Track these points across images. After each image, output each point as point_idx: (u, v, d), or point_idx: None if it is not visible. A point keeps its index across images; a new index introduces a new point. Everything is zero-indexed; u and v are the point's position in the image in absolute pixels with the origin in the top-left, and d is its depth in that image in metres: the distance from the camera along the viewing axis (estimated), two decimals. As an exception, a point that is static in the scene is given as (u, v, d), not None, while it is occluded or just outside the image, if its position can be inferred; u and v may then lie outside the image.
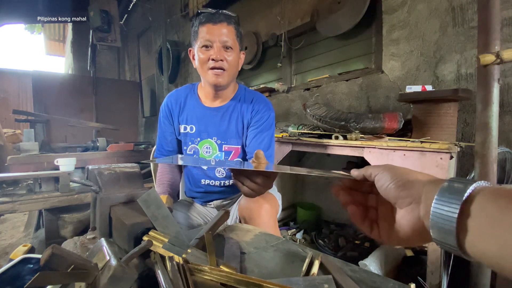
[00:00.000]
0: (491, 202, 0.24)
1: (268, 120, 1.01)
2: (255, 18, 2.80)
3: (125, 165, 0.69)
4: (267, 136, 1.00)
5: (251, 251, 0.58)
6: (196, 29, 0.92)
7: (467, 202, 0.25)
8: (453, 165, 1.11)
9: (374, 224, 0.37)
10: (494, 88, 0.86)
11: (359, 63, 2.06)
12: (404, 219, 0.31)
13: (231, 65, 0.93)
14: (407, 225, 0.30)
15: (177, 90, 1.08)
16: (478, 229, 0.24)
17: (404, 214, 0.31)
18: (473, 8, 1.39)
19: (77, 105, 4.18)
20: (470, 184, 0.25)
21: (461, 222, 0.24)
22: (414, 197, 0.29)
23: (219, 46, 0.89)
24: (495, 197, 0.24)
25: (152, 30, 4.87)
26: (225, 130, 1.01)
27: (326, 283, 0.44)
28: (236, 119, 1.01)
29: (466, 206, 0.24)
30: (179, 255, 0.47)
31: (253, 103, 1.02)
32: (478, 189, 0.25)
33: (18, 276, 0.56)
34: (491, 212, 0.23)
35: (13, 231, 2.22)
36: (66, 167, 1.70)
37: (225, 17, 0.90)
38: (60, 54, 9.37)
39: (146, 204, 0.52)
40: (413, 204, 0.30)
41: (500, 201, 0.23)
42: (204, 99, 1.04)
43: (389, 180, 0.32)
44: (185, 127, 1.03)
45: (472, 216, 0.24)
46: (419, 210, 0.29)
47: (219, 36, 0.89)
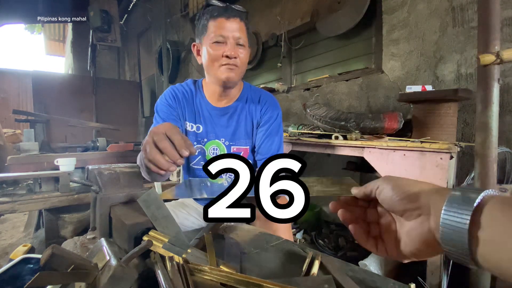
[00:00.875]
0: (502, 212, 0.23)
1: (277, 120, 0.99)
2: (255, 18, 2.80)
3: (125, 165, 0.69)
4: (277, 138, 0.98)
5: (251, 251, 0.58)
6: (205, 23, 0.86)
7: (476, 212, 0.24)
8: (453, 165, 1.11)
9: (379, 240, 0.36)
10: (494, 88, 0.86)
11: (359, 63, 2.06)
12: (414, 231, 0.29)
13: (243, 63, 0.89)
14: (417, 238, 0.29)
15: (182, 85, 1.00)
16: (490, 240, 0.23)
17: (413, 227, 0.30)
18: (473, 8, 1.39)
19: (77, 105, 4.18)
20: (478, 193, 0.24)
21: (472, 233, 0.23)
22: (422, 208, 0.28)
23: (233, 43, 0.84)
24: (504, 207, 0.23)
25: (152, 30, 4.87)
26: (234, 131, 0.98)
27: (326, 283, 0.44)
28: (245, 120, 0.98)
29: (476, 217, 0.24)
30: (179, 255, 0.47)
31: (261, 103, 0.99)
32: (487, 198, 0.24)
33: (18, 276, 0.56)
34: (503, 223, 0.22)
35: (13, 231, 2.22)
36: (66, 167, 1.69)
37: (237, 13, 0.85)
38: (60, 54, 9.37)
39: (146, 204, 0.52)
40: (422, 216, 0.29)
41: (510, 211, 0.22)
42: (210, 98, 0.98)
43: (391, 192, 0.31)
44: (192, 126, 0.97)
45: (483, 226, 0.23)
46: (429, 222, 0.28)
47: (233, 32, 0.84)
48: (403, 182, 0.32)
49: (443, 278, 1.05)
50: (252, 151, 1.02)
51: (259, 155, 0.98)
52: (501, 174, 1.26)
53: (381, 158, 1.18)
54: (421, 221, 0.29)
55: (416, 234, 0.29)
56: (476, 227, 0.23)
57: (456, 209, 0.24)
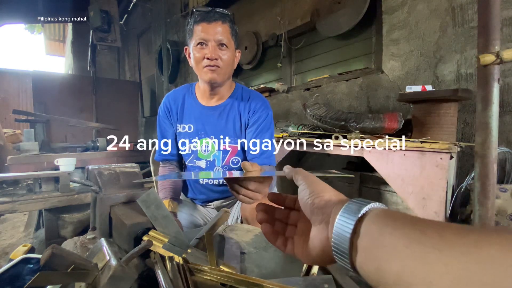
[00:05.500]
0: (375, 223, 0.24)
1: (267, 120, 1.01)
2: (255, 18, 2.80)
3: (125, 165, 0.69)
4: (266, 137, 1.00)
5: (251, 251, 0.58)
6: (191, 28, 0.93)
7: (359, 222, 0.25)
8: (453, 165, 1.12)
9: (289, 239, 0.36)
10: (494, 88, 0.86)
11: (359, 63, 2.06)
12: (316, 238, 0.30)
13: (226, 64, 0.93)
14: (318, 244, 0.30)
15: (175, 91, 1.08)
16: (363, 250, 0.24)
17: (316, 233, 0.31)
18: (473, 8, 1.39)
19: (77, 105, 4.18)
20: (365, 205, 0.26)
21: (352, 241, 0.25)
22: (324, 216, 0.29)
23: (214, 45, 0.90)
24: (379, 219, 0.24)
25: (152, 30, 4.87)
26: (223, 129, 1.01)
27: (326, 283, 0.44)
28: (234, 118, 1.01)
29: (358, 226, 0.25)
30: (179, 255, 0.47)
31: (250, 102, 1.02)
32: (372, 210, 0.25)
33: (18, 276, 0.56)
34: (372, 233, 0.23)
35: (13, 231, 2.22)
36: (66, 167, 1.70)
37: (219, 16, 0.91)
38: (60, 54, 9.37)
39: (145, 204, 0.52)
40: (323, 223, 0.29)
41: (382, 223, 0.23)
42: (201, 98, 1.04)
43: (308, 195, 0.32)
44: (183, 127, 1.04)
45: (361, 236, 0.24)
46: (327, 230, 0.29)
47: (214, 35, 0.89)
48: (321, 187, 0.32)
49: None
50: (243, 150, 1.03)
51: (250, 155, 1.00)
52: (501, 174, 1.26)
53: (381, 158, 1.18)
54: (322, 228, 0.30)
55: (317, 240, 0.30)
56: (356, 236, 0.24)
57: (345, 218, 0.26)
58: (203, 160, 1.03)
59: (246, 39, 2.81)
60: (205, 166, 1.04)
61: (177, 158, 1.10)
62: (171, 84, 4.08)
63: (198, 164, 1.04)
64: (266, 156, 0.98)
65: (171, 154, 1.07)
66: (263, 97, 1.05)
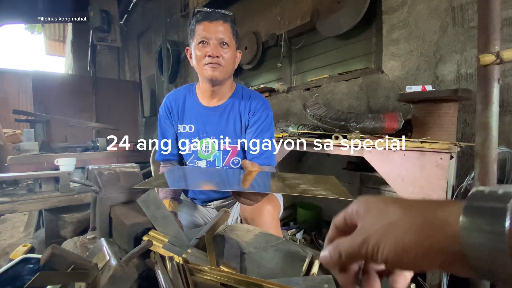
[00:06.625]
0: None
1: (267, 120, 1.01)
2: (255, 18, 2.80)
3: (125, 165, 0.69)
4: (266, 137, 1.00)
5: (251, 251, 0.58)
6: (193, 28, 0.94)
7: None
8: (453, 165, 1.12)
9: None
10: (494, 88, 0.86)
11: (359, 63, 2.06)
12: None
13: (227, 62, 0.94)
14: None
15: (176, 91, 1.08)
16: None
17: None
18: (473, 8, 1.39)
19: (77, 105, 4.18)
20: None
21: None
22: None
23: (215, 43, 0.91)
24: None
25: (152, 30, 4.87)
26: (223, 129, 1.02)
27: (326, 283, 0.44)
28: (234, 118, 1.02)
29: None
30: (179, 255, 0.47)
31: (250, 102, 1.02)
32: None
33: (18, 276, 0.56)
34: None
35: (13, 231, 2.22)
36: (66, 167, 1.70)
37: (221, 15, 0.92)
38: (60, 54, 9.36)
39: (145, 204, 0.52)
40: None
41: None
42: (202, 99, 1.04)
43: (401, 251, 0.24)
44: (184, 127, 1.04)
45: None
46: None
47: (215, 33, 0.90)
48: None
49: (443, 278, 1.06)
50: (243, 151, 1.04)
51: (250, 155, 1.00)
52: (501, 174, 1.26)
53: (381, 158, 1.18)
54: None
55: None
56: None
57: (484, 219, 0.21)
58: (204, 160, 1.03)
59: (246, 39, 2.81)
60: (205, 166, 1.04)
61: (177, 158, 1.10)
62: (171, 84, 4.08)
63: (198, 164, 1.04)
64: (266, 156, 0.99)
65: (171, 154, 1.07)
66: (263, 97, 1.05)
